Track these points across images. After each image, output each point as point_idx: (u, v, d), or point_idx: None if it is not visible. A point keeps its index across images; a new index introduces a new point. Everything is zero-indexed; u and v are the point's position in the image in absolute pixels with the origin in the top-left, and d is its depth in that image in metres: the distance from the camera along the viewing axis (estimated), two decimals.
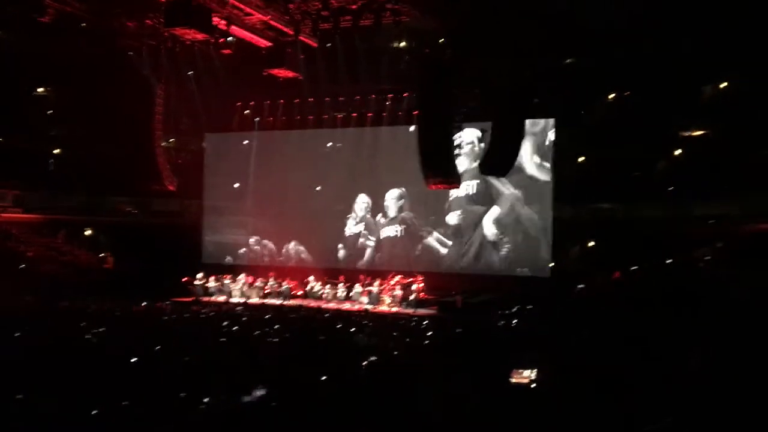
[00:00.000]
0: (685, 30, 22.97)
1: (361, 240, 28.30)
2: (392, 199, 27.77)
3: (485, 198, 26.15)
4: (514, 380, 8.89)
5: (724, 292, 16.28)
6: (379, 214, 28.04)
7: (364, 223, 28.34)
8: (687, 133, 25.82)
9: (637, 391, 7.95)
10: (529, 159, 24.92)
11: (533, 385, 8.69)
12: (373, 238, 28.07)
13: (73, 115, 29.79)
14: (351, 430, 7.25)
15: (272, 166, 29.92)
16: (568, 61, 26.34)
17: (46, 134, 30.99)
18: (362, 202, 28.45)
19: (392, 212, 27.77)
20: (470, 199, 26.30)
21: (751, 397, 7.52)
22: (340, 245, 28.62)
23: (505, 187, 25.58)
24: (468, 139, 25.71)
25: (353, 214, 28.56)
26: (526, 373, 8.89)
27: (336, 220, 28.79)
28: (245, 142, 30.71)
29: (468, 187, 25.90)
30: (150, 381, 9.41)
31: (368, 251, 28.11)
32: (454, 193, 25.89)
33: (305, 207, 29.16)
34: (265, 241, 30.05)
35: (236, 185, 30.63)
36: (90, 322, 16.08)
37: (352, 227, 28.55)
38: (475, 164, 24.37)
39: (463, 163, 25.06)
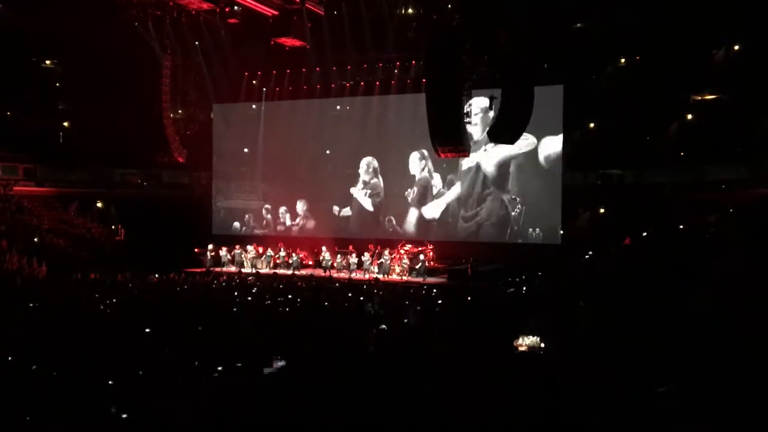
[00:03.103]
0: None
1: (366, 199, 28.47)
2: (414, 161, 27.63)
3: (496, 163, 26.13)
4: (519, 347, 9.00)
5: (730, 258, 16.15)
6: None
7: (369, 185, 28.43)
8: (698, 97, 25.50)
9: (643, 356, 8.01)
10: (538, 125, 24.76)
11: (541, 352, 8.79)
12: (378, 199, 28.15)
13: (81, 88, 29.76)
14: (361, 397, 7.35)
15: (280, 135, 29.91)
16: (577, 26, 25.99)
17: (54, 108, 31.04)
18: (365, 164, 28.46)
19: (415, 172, 27.63)
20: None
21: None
22: (346, 208, 28.78)
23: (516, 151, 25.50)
24: (478, 107, 25.44)
25: (359, 179, 28.62)
26: (529, 340, 8.99)
27: (345, 185, 28.82)
28: (253, 106, 30.64)
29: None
30: (163, 351, 9.56)
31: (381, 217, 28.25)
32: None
33: (314, 173, 29.30)
34: (275, 208, 30.16)
35: (246, 150, 30.73)
36: (103, 293, 16.30)
37: (359, 191, 28.64)
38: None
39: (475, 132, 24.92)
